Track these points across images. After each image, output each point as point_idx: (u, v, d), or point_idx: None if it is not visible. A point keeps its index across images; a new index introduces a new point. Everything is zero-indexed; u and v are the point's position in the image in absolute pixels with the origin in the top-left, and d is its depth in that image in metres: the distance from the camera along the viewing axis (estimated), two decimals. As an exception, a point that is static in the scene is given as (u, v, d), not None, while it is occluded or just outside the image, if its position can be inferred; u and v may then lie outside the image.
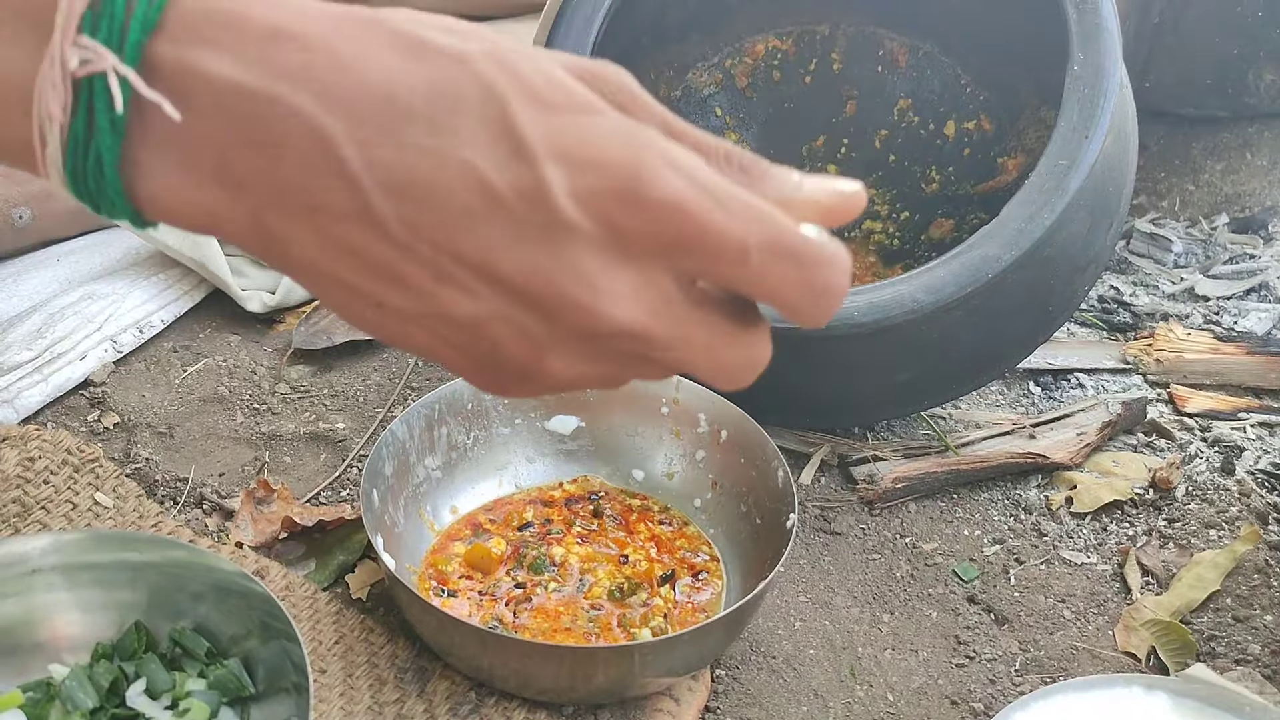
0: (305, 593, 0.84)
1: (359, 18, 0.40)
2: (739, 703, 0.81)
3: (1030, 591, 0.92)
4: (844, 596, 0.91)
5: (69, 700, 0.70)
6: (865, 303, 0.91)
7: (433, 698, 0.77)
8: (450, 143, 0.39)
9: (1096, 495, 1.00)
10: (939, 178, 1.23)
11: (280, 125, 0.38)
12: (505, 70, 0.40)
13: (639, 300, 0.42)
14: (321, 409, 1.07)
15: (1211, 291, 1.32)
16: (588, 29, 1.05)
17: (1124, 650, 0.87)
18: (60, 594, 0.75)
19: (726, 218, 0.41)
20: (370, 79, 0.39)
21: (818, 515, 0.98)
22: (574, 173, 0.40)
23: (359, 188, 0.39)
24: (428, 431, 0.91)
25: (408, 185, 0.39)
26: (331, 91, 0.39)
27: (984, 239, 0.91)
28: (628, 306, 0.42)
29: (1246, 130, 1.39)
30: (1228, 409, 1.13)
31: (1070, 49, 0.95)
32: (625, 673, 0.75)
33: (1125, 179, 1.01)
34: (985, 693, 0.83)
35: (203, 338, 1.16)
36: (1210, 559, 0.93)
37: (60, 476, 0.90)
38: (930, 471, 1.00)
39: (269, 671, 0.72)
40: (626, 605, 0.84)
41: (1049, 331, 1.03)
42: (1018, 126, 1.18)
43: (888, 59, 1.25)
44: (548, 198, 0.40)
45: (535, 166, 0.40)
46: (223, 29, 0.39)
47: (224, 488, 0.97)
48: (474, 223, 0.40)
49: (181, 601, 0.75)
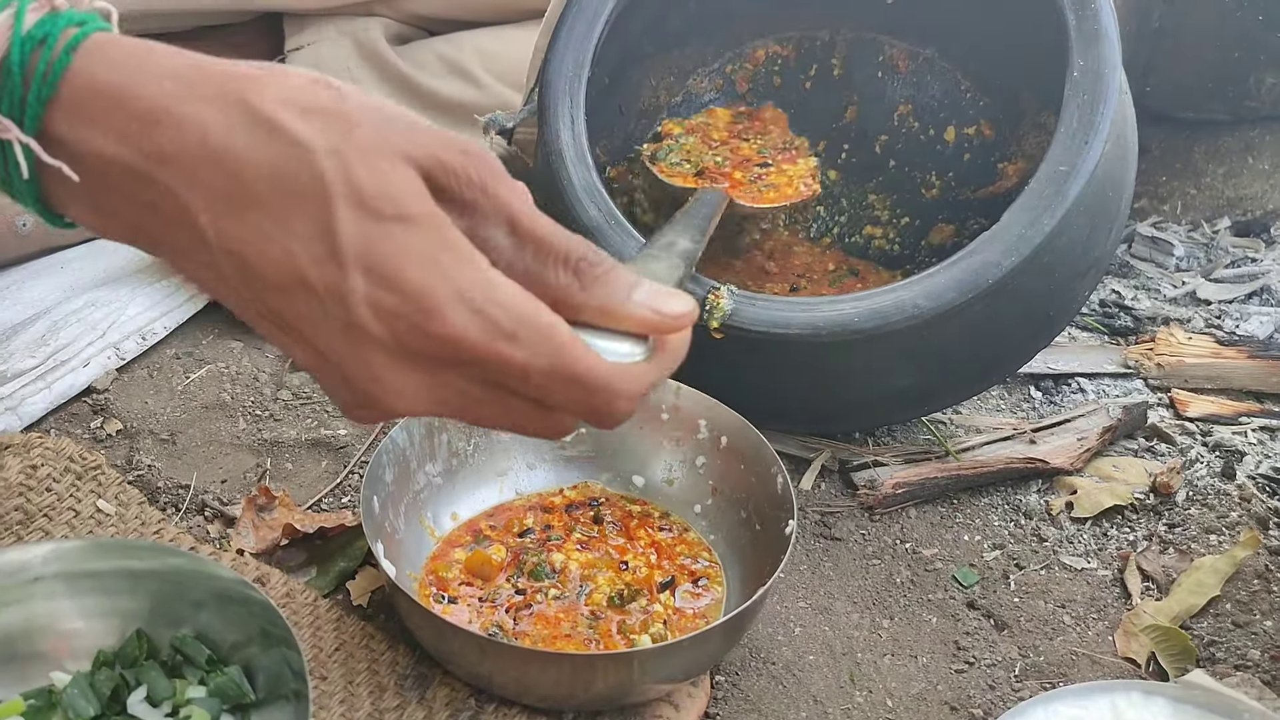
0: (306, 599, 0.84)
1: (231, 99, 0.46)
2: (738, 709, 0.81)
3: (1030, 597, 0.92)
4: (844, 602, 0.91)
5: (70, 708, 0.71)
6: (865, 308, 0.91)
7: (433, 704, 0.78)
8: (279, 230, 0.45)
9: (1097, 500, 1.00)
10: (939, 183, 1.23)
11: (154, 194, 0.46)
12: (341, 168, 0.45)
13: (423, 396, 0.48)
14: (323, 415, 1.07)
15: (1213, 295, 1.32)
16: (589, 35, 1.05)
17: (1124, 656, 0.87)
18: (62, 602, 0.75)
19: (507, 346, 0.46)
20: (225, 162, 0.45)
21: (818, 521, 0.98)
22: (374, 286, 0.45)
23: (210, 249, 0.46)
24: (428, 438, 0.91)
25: (242, 256, 0.46)
26: (195, 174, 0.46)
27: (984, 244, 0.91)
28: (411, 401, 0.48)
29: (1248, 134, 1.39)
30: (1229, 413, 1.13)
31: (1070, 54, 0.95)
32: (625, 679, 0.75)
33: (1125, 183, 1.01)
34: (985, 698, 0.83)
35: (205, 344, 1.16)
36: (1210, 564, 0.93)
37: (63, 484, 0.90)
38: (931, 477, 1.00)
39: (269, 678, 0.72)
40: (626, 612, 0.84)
41: (1049, 336, 1.03)
42: (1018, 132, 1.18)
43: (888, 64, 1.25)
44: (347, 302, 0.45)
45: (344, 271, 0.45)
46: (106, 110, 0.46)
47: (226, 495, 0.97)
48: (291, 299, 0.46)
49: (182, 609, 0.76)
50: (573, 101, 1.02)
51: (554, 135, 1.01)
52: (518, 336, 0.47)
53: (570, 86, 1.03)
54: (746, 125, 1.19)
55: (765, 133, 1.16)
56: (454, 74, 1.39)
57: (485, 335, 0.46)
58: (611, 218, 0.97)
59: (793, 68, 1.26)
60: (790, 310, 0.92)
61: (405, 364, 0.47)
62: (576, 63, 1.04)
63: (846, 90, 1.26)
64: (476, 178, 0.49)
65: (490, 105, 1.33)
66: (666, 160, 1.10)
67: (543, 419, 0.51)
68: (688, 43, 1.24)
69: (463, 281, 0.46)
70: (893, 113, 1.25)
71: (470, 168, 0.49)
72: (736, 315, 0.92)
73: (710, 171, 1.07)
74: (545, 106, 1.03)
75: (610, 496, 0.95)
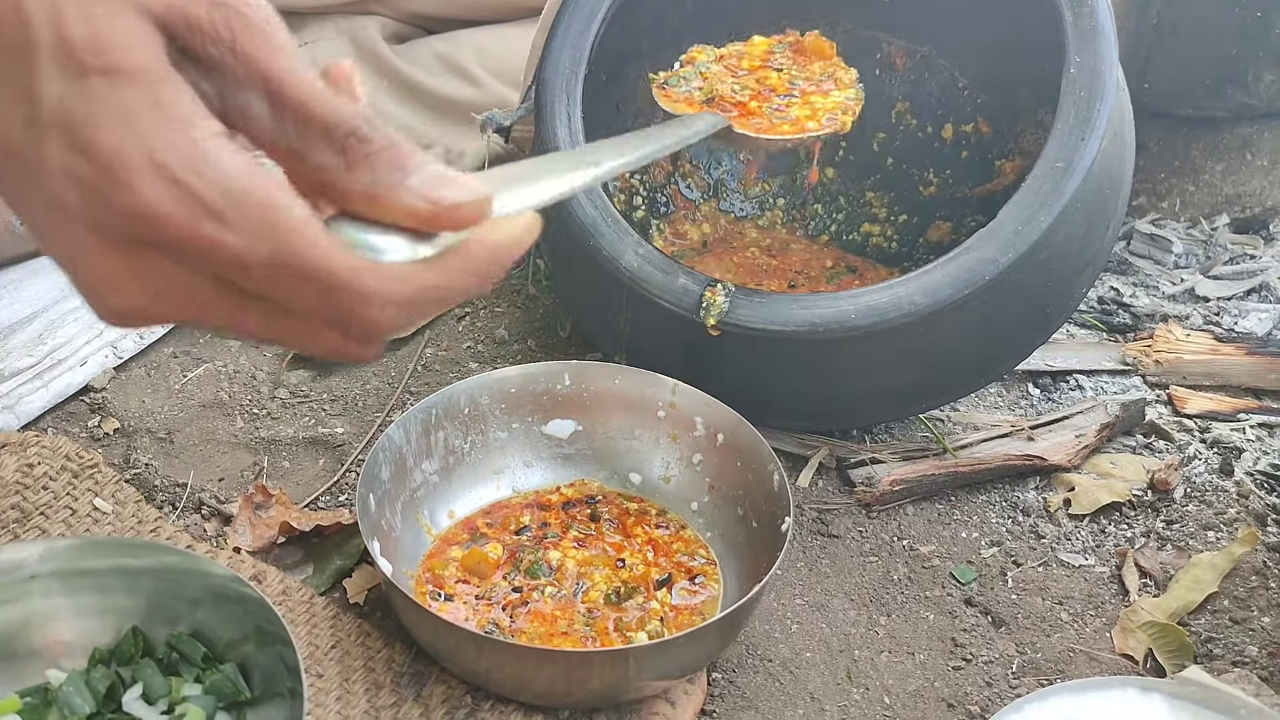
0: (302, 597, 0.84)
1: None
2: (735, 706, 0.81)
3: (1028, 594, 0.92)
4: (841, 599, 0.91)
5: (66, 706, 0.71)
6: (862, 305, 0.91)
7: (429, 702, 0.78)
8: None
9: (1095, 497, 1.00)
10: (937, 180, 1.23)
11: None
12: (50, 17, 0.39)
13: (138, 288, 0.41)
14: (320, 414, 1.07)
15: (1212, 292, 1.32)
16: (586, 32, 1.05)
17: (1121, 652, 0.87)
18: (58, 600, 0.75)
19: (213, 227, 0.39)
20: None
21: (815, 518, 0.98)
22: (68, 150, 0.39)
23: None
24: (425, 436, 0.91)
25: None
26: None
27: (981, 241, 0.91)
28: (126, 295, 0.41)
29: (1246, 130, 1.38)
30: (1227, 410, 1.12)
31: (1066, 51, 0.95)
32: (621, 677, 0.75)
33: (1123, 180, 1.01)
34: (982, 695, 0.83)
35: (203, 343, 1.16)
36: (1208, 561, 0.93)
37: (59, 482, 0.90)
38: (928, 474, 1.00)
39: (265, 676, 0.72)
40: (623, 609, 0.84)
41: (1047, 333, 1.03)
42: (1015, 129, 1.18)
43: (885, 62, 1.25)
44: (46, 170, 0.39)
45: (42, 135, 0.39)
46: None
47: (223, 493, 0.97)
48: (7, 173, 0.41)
49: (178, 607, 0.76)
50: (569, 99, 1.02)
51: (551, 133, 1.01)
52: (227, 215, 0.39)
53: (567, 84, 1.03)
54: (786, 55, 1.06)
55: (805, 64, 1.03)
56: (451, 72, 1.39)
57: (185, 211, 0.39)
58: (608, 215, 0.97)
59: (790, 66, 1.26)
60: (787, 307, 0.92)
61: (109, 246, 0.41)
62: (574, 60, 1.04)
63: (844, 88, 1.26)
64: (225, 32, 0.41)
65: (488, 104, 1.33)
66: (678, 86, 1.00)
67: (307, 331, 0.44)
68: (685, 40, 1.23)
69: (163, 145, 0.39)
70: (890, 110, 1.25)
71: (219, 19, 0.41)
72: (733, 313, 0.92)
73: (722, 99, 0.97)
74: (542, 104, 1.02)
75: (607, 494, 0.95)
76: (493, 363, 1.14)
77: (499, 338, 1.18)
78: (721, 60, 1.03)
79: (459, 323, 1.21)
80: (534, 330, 1.20)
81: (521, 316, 1.22)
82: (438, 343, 1.17)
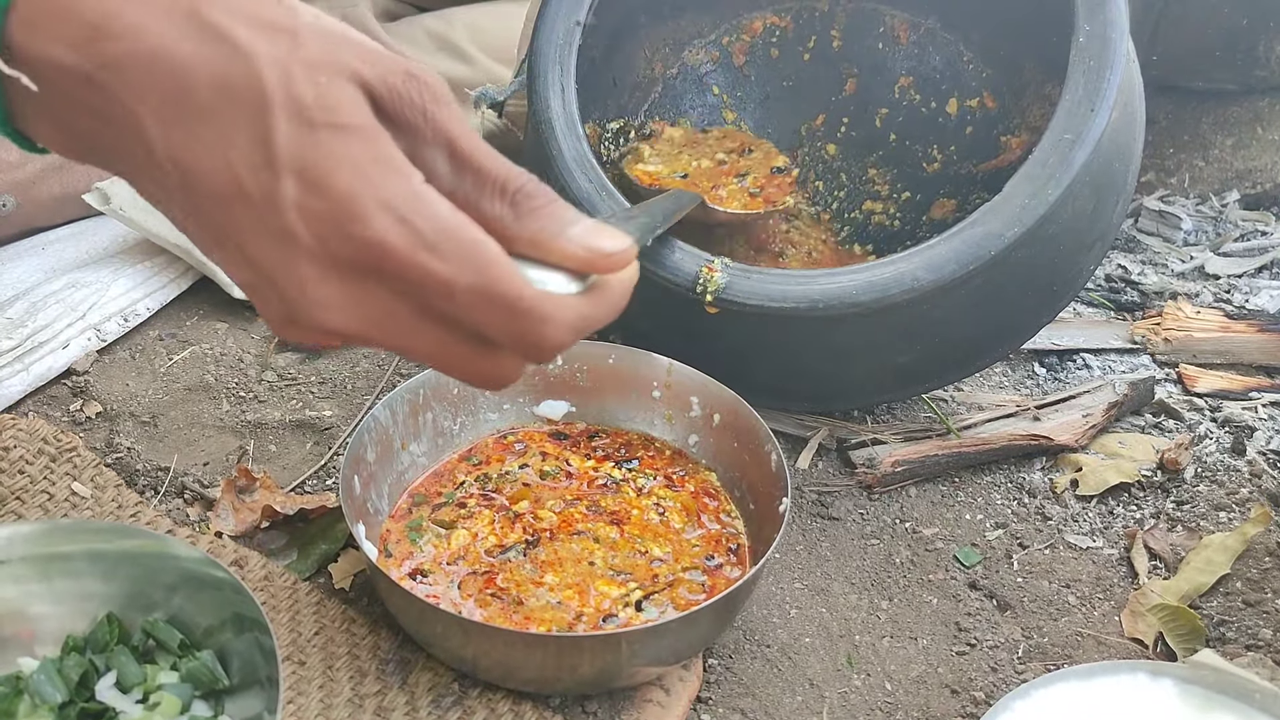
0: (285, 583, 0.81)
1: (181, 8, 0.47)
2: (732, 693, 0.79)
3: (1034, 577, 0.89)
4: (841, 583, 0.88)
5: (37, 694, 0.68)
6: (864, 281, 0.88)
7: (415, 689, 0.75)
8: (219, 138, 0.46)
9: (1103, 477, 0.97)
10: (941, 157, 1.20)
11: (105, 102, 0.47)
12: (282, 78, 0.46)
13: (350, 310, 0.48)
14: (309, 397, 1.05)
15: (1222, 269, 1.29)
16: (578, 4, 1.02)
17: (1130, 636, 0.84)
18: (30, 586, 0.73)
19: (430, 257, 0.46)
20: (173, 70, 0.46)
21: (815, 500, 0.96)
22: (303, 191, 0.46)
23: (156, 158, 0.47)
24: (412, 417, 0.88)
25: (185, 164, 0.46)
26: (143, 81, 0.46)
27: (986, 215, 0.89)
28: (338, 315, 0.48)
29: (1257, 104, 1.36)
30: (1238, 388, 1.10)
31: (1075, 20, 0.92)
32: (612, 662, 0.73)
33: (1132, 154, 0.98)
34: (986, 681, 0.81)
35: (189, 325, 1.13)
36: (1220, 542, 0.91)
37: (36, 466, 0.88)
38: (931, 454, 0.98)
39: (243, 664, 0.70)
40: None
41: (1054, 311, 1.00)
42: (1022, 104, 1.15)
43: (888, 36, 1.22)
44: (279, 207, 0.46)
45: (276, 178, 0.45)
46: (61, 17, 0.46)
47: (207, 477, 0.95)
48: (229, 209, 0.47)
49: (155, 593, 0.73)
50: (563, 69, 0.99)
51: (544, 104, 0.98)
52: (440, 248, 0.46)
53: (561, 54, 1.00)
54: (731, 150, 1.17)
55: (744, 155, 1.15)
56: (444, 50, 1.37)
57: (407, 243, 0.46)
58: (602, 188, 0.94)
59: (790, 39, 1.23)
60: (787, 283, 0.89)
61: (331, 273, 0.47)
62: (568, 30, 1.01)
63: (846, 62, 1.23)
64: (419, 100, 0.49)
65: (481, 81, 1.31)
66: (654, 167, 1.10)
67: (477, 355, 0.51)
68: (683, 13, 1.21)
69: (390, 190, 0.46)
70: (893, 85, 1.22)
71: (413, 90, 0.49)
72: (731, 289, 0.89)
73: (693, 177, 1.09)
74: (535, 74, 1.00)
75: None
76: (486, 344, 1.12)
77: (492, 319, 1.16)
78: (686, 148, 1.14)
79: (452, 304, 1.18)
80: (528, 311, 1.17)
81: (516, 297, 1.19)
82: (429, 324, 1.15)
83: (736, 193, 1.07)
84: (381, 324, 0.49)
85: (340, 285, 0.47)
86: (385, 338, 0.50)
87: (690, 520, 0.86)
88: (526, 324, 0.49)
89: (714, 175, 1.10)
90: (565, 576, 0.81)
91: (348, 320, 0.48)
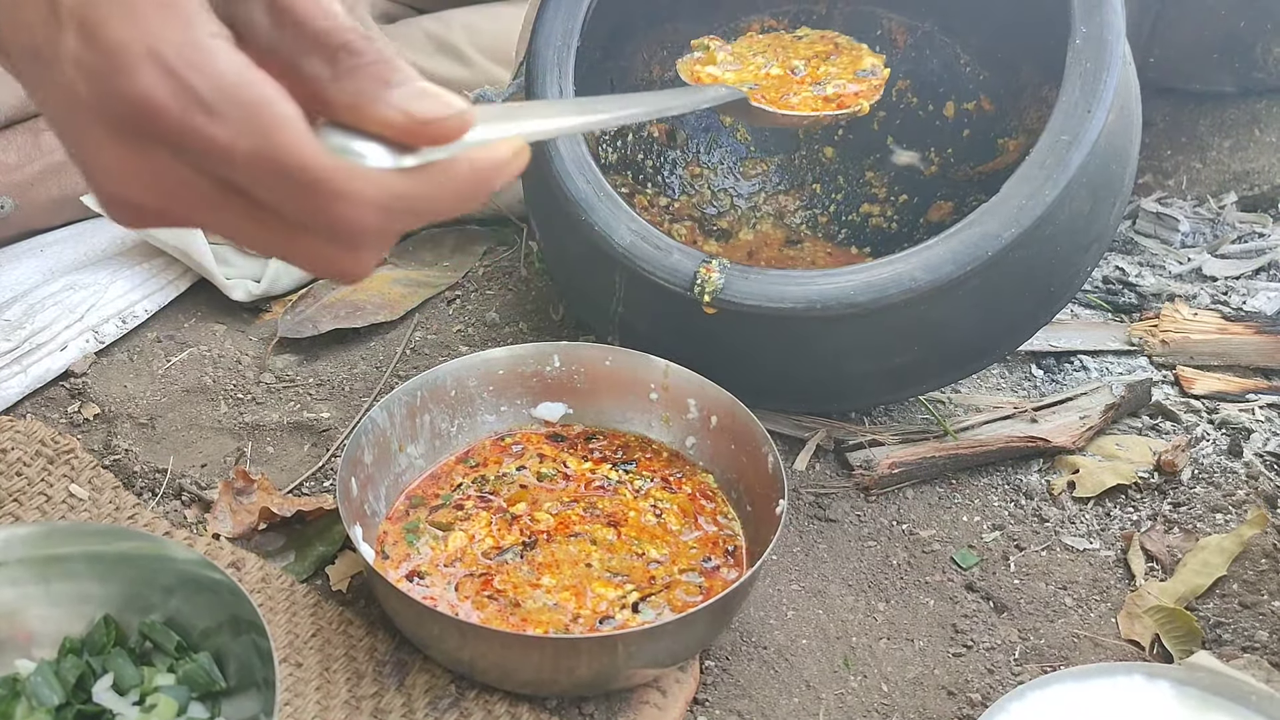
0: (282, 585, 0.82)
1: None
2: (728, 694, 0.79)
3: (1031, 579, 0.89)
4: (838, 585, 0.88)
5: (34, 696, 0.68)
6: (861, 282, 0.88)
7: (412, 691, 0.75)
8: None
9: (1100, 479, 0.97)
10: (938, 160, 1.20)
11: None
12: None
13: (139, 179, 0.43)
14: (306, 398, 1.05)
15: (1219, 271, 1.29)
16: (577, 6, 1.02)
17: (1127, 638, 0.84)
18: (28, 588, 0.73)
19: (204, 119, 0.41)
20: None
21: (812, 502, 0.96)
22: (80, 42, 0.41)
23: None
24: (409, 419, 0.88)
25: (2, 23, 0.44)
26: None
27: (984, 216, 0.89)
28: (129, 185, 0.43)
29: (1255, 106, 1.36)
30: (1235, 390, 1.10)
31: (1072, 22, 0.93)
32: (609, 664, 0.73)
33: (1129, 156, 0.98)
34: (983, 682, 0.81)
35: (187, 327, 1.14)
36: (1216, 544, 0.91)
37: (34, 468, 0.88)
38: (928, 456, 0.98)
39: (240, 666, 0.70)
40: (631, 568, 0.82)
41: (1051, 312, 1.00)
42: (1019, 106, 1.15)
43: (886, 39, 1.22)
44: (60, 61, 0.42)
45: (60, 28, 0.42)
46: None
47: (205, 479, 0.95)
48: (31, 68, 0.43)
49: (152, 595, 0.73)
50: (561, 71, 1.00)
51: (540, 107, 0.98)
52: (217, 109, 0.41)
53: (559, 56, 1.00)
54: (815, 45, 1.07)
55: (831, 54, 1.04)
56: (442, 52, 1.37)
57: (177, 102, 0.41)
58: (601, 190, 0.94)
59: (788, 42, 1.23)
60: (784, 284, 0.90)
61: (115, 137, 0.42)
62: (566, 32, 1.01)
63: (843, 65, 1.23)
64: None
65: (479, 83, 1.31)
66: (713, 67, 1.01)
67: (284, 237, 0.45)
68: (681, 16, 1.21)
69: (164, 39, 0.41)
70: (891, 88, 1.22)
71: None
72: (728, 289, 0.89)
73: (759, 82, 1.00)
74: (533, 76, 1.00)
75: None
76: (483, 346, 1.12)
77: (490, 321, 1.16)
78: None
79: (449, 306, 1.18)
80: (526, 313, 1.18)
81: (513, 299, 1.20)
82: (427, 326, 1.15)
83: (810, 100, 0.98)
84: (178, 196, 0.44)
85: (124, 150, 0.43)
86: (187, 212, 0.45)
87: (687, 522, 0.87)
88: (318, 200, 0.43)
89: (784, 85, 1.00)
90: (562, 578, 0.81)
91: (143, 192, 0.44)
